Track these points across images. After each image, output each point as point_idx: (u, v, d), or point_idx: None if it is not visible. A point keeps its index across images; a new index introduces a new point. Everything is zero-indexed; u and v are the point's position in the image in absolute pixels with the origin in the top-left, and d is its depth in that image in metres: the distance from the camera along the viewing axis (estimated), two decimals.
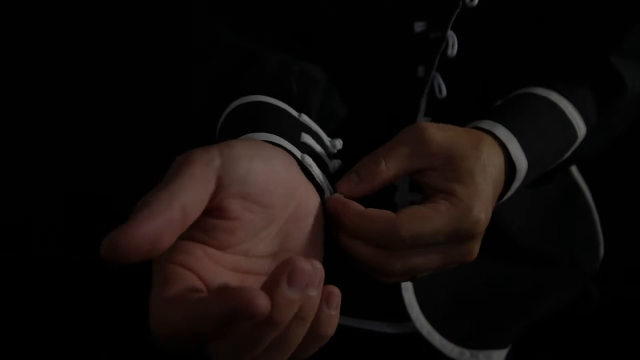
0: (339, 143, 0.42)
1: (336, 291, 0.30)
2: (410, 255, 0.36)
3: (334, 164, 0.41)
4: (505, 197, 0.43)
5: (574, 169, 0.61)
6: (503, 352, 0.53)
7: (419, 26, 0.47)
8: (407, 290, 0.51)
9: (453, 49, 0.46)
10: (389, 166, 0.38)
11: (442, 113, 0.49)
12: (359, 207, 0.36)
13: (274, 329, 0.28)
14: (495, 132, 0.41)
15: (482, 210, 0.37)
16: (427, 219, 0.35)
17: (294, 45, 0.49)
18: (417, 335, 0.53)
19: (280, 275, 0.26)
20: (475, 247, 0.38)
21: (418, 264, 0.36)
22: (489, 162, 0.39)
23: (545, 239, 0.57)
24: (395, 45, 0.49)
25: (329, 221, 0.37)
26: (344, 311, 0.56)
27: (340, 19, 0.49)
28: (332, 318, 0.30)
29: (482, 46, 0.48)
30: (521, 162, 0.41)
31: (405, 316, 0.52)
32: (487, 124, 0.42)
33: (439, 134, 0.38)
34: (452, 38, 0.46)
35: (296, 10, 0.49)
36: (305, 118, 0.42)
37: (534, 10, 0.48)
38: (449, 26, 0.46)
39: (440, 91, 0.48)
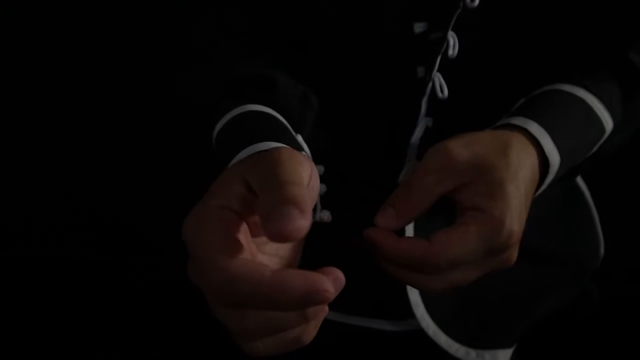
0: (321, 169, 0.44)
1: (326, 309, 0.32)
2: (448, 275, 0.37)
3: (321, 187, 0.43)
4: (539, 192, 0.44)
5: None
6: (508, 352, 0.53)
7: (418, 27, 0.47)
8: (413, 290, 0.51)
9: (454, 50, 0.47)
10: (421, 196, 0.38)
11: (443, 113, 0.49)
12: (394, 237, 0.38)
13: (298, 322, 0.30)
14: (528, 128, 0.42)
15: (514, 222, 0.37)
16: (459, 242, 0.36)
17: (290, 51, 0.50)
18: (417, 333, 0.53)
19: (328, 278, 0.29)
20: (513, 255, 0.39)
21: (457, 279, 0.38)
22: (520, 165, 0.39)
23: (547, 238, 0.57)
24: (395, 46, 0.49)
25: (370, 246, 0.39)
26: (346, 309, 0.56)
27: (339, 20, 0.49)
28: (315, 329, 0.33)
29: (483, 46, 0.48)
30: (554, 157, 0.42)
31: (406, 314, 0.52)
32: (519, 120, 0.43)
33: (465, 151, 0.39)
34: (453, 38, 0.46)
35: (296, 10, 0.49)
36: (300, 138, 0.43)
37: (536, 10, 0.48)
38: (450, 27, 0.46)
39: (442, 91, 0.48)
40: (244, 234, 0.32)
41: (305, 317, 0.30)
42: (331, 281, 0.29)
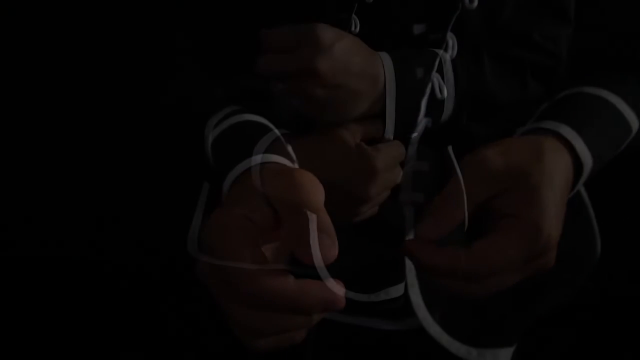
0: None
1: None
2: (488, 281, 0.38)
3: None
4: (572, 194, 0.44)
5: None
6: (509, 351, 0.54)
7: (418, 28, 0.48)
8: (414, 290, 0.51)
9: (453, 50, 0.47)
10: (460, 206, 0.39)
11: (442, 114, 0.49)
12: (433, 248, 0.38)
13: (305, 325, 0.32)
14: (560, 132, 0.42)
15: (552, 227, 0.38)
16: (499, 251, 0.37)
17: None
18: (418, 333, 0.53)
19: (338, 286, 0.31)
20: (552, 258, 0.39)
21: (497, 284, 0.38)
22: (555, 169, 0.40)
23: None
24: (394, 48, 0.49)
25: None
26: (345, 309, 0.56)
27: (338, 20, 0.49)
28: (306, 330, 0.34)
29: (480, 47, 0.48)
30: (587, 159, 0.42)
31: (406, 313, 0.52)
32: (550, 124, 0.43)
33: (501, 160, 0.39)
34: (452, 40, 0.46)
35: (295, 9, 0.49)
36: (290, 149, 0.43)
37: (536, 12, 0.48)
38: (449, 28, 0.46)
39: (441, 92, 0.48)
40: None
41: (311, 321, 0.32)
42: None
